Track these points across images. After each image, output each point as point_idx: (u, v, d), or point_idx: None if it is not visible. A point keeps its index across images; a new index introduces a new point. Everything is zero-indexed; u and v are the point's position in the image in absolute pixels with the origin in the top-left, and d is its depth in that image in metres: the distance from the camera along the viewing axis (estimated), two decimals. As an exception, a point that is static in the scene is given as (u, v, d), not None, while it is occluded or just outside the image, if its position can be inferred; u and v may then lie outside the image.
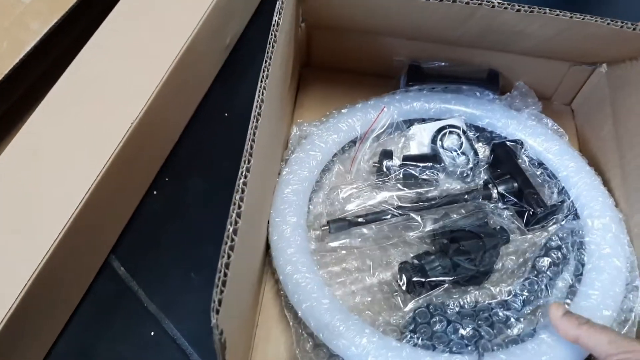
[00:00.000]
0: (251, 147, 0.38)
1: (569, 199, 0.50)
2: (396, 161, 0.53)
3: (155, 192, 0.56)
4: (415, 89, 0.58)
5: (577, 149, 0.57)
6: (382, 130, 0.55)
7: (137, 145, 0.49)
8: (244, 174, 0.37)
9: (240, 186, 0.36)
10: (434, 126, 0.56)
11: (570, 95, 0.62)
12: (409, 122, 0.57)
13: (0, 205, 0.43)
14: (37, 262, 0.41)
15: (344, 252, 0.48)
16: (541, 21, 0.47)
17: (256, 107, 0.40)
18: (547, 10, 0.45)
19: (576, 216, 0.49)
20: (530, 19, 0.46)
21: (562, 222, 0.48)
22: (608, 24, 0.46)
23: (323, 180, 0.53)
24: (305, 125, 0.55)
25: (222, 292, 0.31)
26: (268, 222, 0.48)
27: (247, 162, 0.38)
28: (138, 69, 0.51)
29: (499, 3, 0.46)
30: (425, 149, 0.55)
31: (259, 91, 0.40)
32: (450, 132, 0.55)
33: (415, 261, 0.46)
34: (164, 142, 0.58)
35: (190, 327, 0.49)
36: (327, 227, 0.49)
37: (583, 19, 0.46)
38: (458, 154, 0.54)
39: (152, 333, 0.49)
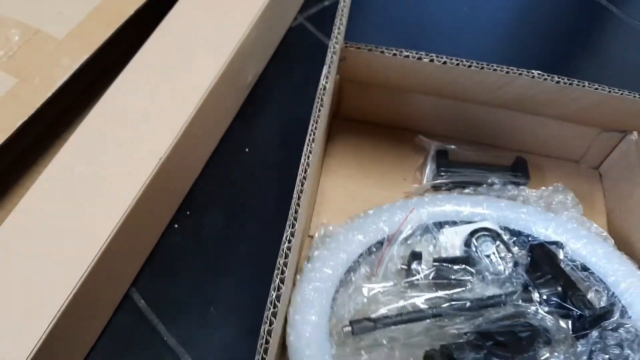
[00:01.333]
0: (296, 212, 0.37)
1: (620, 302, 0.45)
2: (426, 265, 0.50)
3: (176, 226, 0.56)
4: (442, 185, 0.57)
5: (605, 214, 0.57)
6: (411, 232, 0.53)
7: (164, 180, 0.49)
8: (288, 238, 0.35)
9: (284, 251, 0.34)
10: (466, 229, 0.53)
11: (598, 160, 0.61)
12: (439, 225, 0.54)
13: (32, 237, 0.43)
14: (65, 296, 0.40)
15: (367, 355, 0.44)
16: (579, 93, 0.47)
17: (302, 170, 0.39)
18: (586, 83, 0.46)
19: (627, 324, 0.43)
20: (569, 90, 0.47)
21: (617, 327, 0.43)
22: (634, 96, 0.46)
23: (347, 281, 0.50)
24: (329, 226, 0.53)
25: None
26: (285, 320, 0.45)
27: (291, 226, 0.36)
28: (167, 107, 0.52)
29: (538, 74, 0.46)
30: (457, 252, 0.52)
31: (305, 154, 0.40)
32: (485, 236, 0.52)
33: (445, 351, 0.41)
34: (187, 176, 0.58)
35: None
36: (350, 327, 0.44)
37: (621, 94, 0.46)
38: (494, 258, 0.50)
39: None
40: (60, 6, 0.57)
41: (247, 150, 0.63)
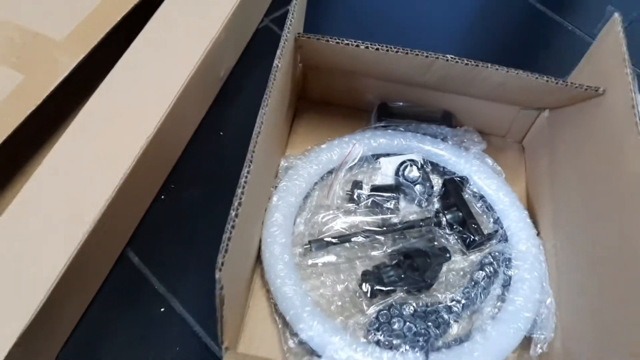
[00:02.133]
0: (252, 153, 0.47)
1: (501, 227, 0.62)
2: (365, 190, 0.65)
3: (163, 197, 0.67)
4: (381, 127, 0.69)
5: (525, 181, 0.70)
6: (354, 162, 0.66)
7: (151, 155, 0.60)
8: (246, 172, 0.46)
9: (241, 182, 0.45)
10: (397, 160, 0.67)
11: (521, 134, 0.74)
12: (377, 156, 0.68)
13: (39, 204, 0.53)
14: (69, 254, 0.51)
15: (321, 266, 0.60)
16: (485, 73, 0.59)
17: (255, 134, 0.49)
18: (489, 65, 0.57)
19: (506, 241, 0.62)
20: (477, 71, 0.58)
21: (495, 245, 0.61)
22: (536, 78, 0.58)
23: (305, 205, 0.64)
24: (291, 158, 0.66)
25: (224, 256, 0.40)
26: (260, 240, 0.59)
27: (248, 165, 0.46)
28: (152, 95, 0.62)
29: (451, 57, 0.57)
30: (390, 180, 0.66)
31: (258, 125, 0.49)
32: (411, 166, 0.66)
33: (375, 270, 0.58)
34: (171, 155, 0.69)
35: (194, 306, 0.60)
36: (309, 246, 0.60)
37: (517, 73, 0.58)
38: (416, 184, 0.65)
39: (162, 309, 0.59)
40: (57, 12, 0.65)
41: (221, 133, 0.73)
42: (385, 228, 0.61)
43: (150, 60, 0.64)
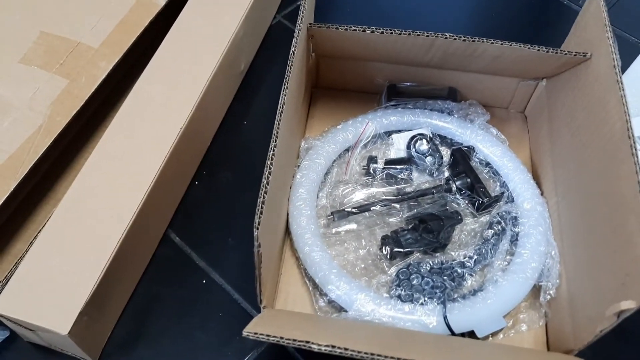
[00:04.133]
0: (276, 134, 0.53)
1: (507, 190, 0.68)
2: (380, 164, 0.70)
3: (196, 183, 0.74)
4: (392, 106, 0.75)
5: (528, 148, 0.75)
6: (368, 140, 0.72)
7: (183, 146, 0.66)
8: (271, 153, 0.51)
9: (268, 161, 0.51)
10: (408, 135, 0.73)
11: (523, 105, 0.78)
12: (389, 133, 0.74)
13: (90, 195, 0.60)
14: (119, 237, 0.57)
15: (344, 234, 0.66)
16: (482, 48, 0.64)
17: (279, 114, 0.54)
18: (485, 39, 0.62)
19: (512, 201, 0.67)
20: (474, 46, 0.64)
21: (502, 206, 0.66)
22: (529, 48, 0.63)
23: (326, 180, 0.70)
24: (310, 139, 0.72)
25: (260, 217, 0.46)
26: (287, 215, 0.66)
27: (274, 141, 0.52)
28: (181, 91, 0.68)
29: (450, 35, 0.63)
30: (402, 153, 0.72)
31: (280, 105, 0.55)
32: (421, 139, 0.72)
33: (393, 235, 0.64)
34: (201, 144, 0.76)
35: (232, 276, 0.66)
36: (332, 216, 0.66)
37: (511, 45, 0.63)
38: (427, 156, 0.71)
39: (204, 281, 0.66)
40: (92, 22, 0.72)
41: (245, 122, 0.80)
42: (400, 197, 0.67)
43: (176, 60, 0.71)
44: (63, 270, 0.56)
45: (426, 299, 0.59)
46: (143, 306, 0.64)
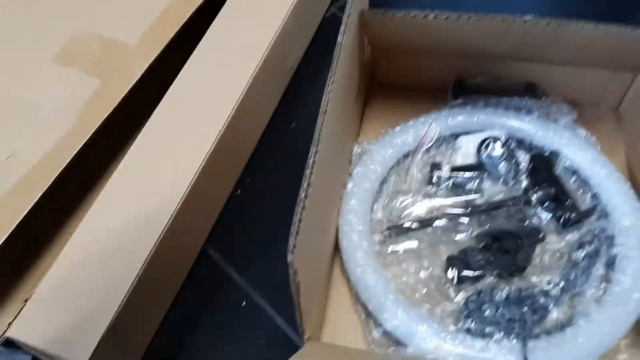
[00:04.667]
0: (318, 138, 0.46)
1: (600, 203, 0.57)
2: (445, 171, 0.61)
3: (239, 192, 0.67)
4: (459, 105, 0.65)
5: (624, 152, 0.64)
6: (432, 143, 0.63)
7: (223, 151, 0.59)
8: (313, 151, 0.45)
9: (311, 157, 0.44)
10: (478, 137, 0.63)
11: (616, 101, 0.67)
12: (456, 135, 0.64)
13: (119, 204, 0.54)
14: (147, 253, 0.51)
15: (402, 253, 0.57)
16: (569, 32, 0.54)
17: (322, 112, 0.47)
18: (573, 22, 0.52)
19: (607, 217, 0.56)
20: (559, 31, 0.53)
21: (595, 222, 0.55)
22: (632, 29, 0.52)
23: (382, 190, 0.61)
24: (364, 143, 0.64)
25: (295, 238, 0.39)
26: (337, 229, 0.57)
27: (316, 145, 0.46)
28: (221, 89, 0.62)
29: (529, 18, 0.53)
30: (471, 159, 0.62)
31: (324, 103, 0.48)
32: (493, 142, 0.62)
33: (462, 255, 0.54)
34: (244, 149, 0.69)
35: (275, 299, 0.59)
36: (388, 232, 0.57)
37: (606, 28, 0.52)
38: (501, 162, 0.61)
39: (244, 303, 0.59)
40: (129, 18, 0.67)
41: (294, 124, 0.72)
42: (469, 210, 0.58)
43: (218, 55, 0.65)
44: (86, 290, 0.50)
45: (502, 334, 0.49)
46: (176, 332, 0.57)
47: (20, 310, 0.50)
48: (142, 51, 0.63)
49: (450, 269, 0.54)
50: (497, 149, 0.61)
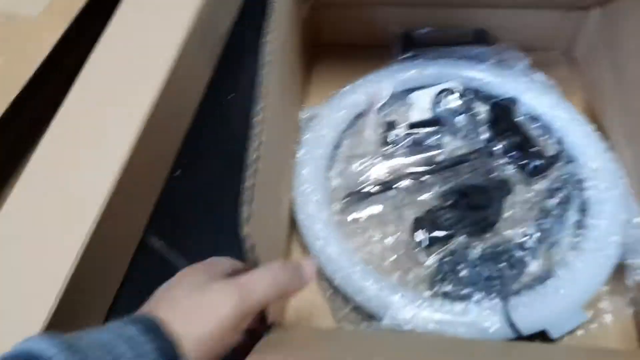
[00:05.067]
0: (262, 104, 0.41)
1: (565, 148, 0.54)
2: (401, 130, 0.57)
3: (177, 173, 0.60)
4: (409, 58, 0.61)
5: (582, 97, 0.60)
6: (384, 101, 0.58)
7: (154, 129, 0.52)
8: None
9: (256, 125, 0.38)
10: (433, 91, 0.59)
11: (570, 44, 0.64)
12: (408, 91, 0.60)
13: (37, 198, 0.46)
14: (77, 248, 0.43)
15: (365, 220, 0.52)
16: None
17: (261, 75, 0.42)
18: None
19: (574, 161, 0.53)
20: None
21: (562, 168, 0.52)
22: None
23: (336, 156, 0.56)
24: (312, 107, 0.58)
25: (250, 207, 0.35)
26: (291, 204, 0.52)
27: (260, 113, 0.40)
28: (147, 62, 0.55)
29: None
30: (427, 114, 0.58)
31: (263, 64, 0.42)
32: (449, 95, 0.58)
33: (429, 216, 0.50)
34: (177, 126, 0.62)
35: None
36: (348, 199, 0.52)
37: None
38: (458, 114, 0.57)
39: None
40: None
41: (230, 97, 0.65)
42: (431, 167, 0.53)
43: (139, 25, 0.57)
44: (10, 302, 0.42)
45: (481, 294, 0.46)
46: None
47: None
48: (47, 24, 0.56)
49: (418, 231, 0.50)
50: (454, 101, 0.58)
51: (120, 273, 0.53)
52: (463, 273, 0.47)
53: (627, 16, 0.54)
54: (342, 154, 0.56)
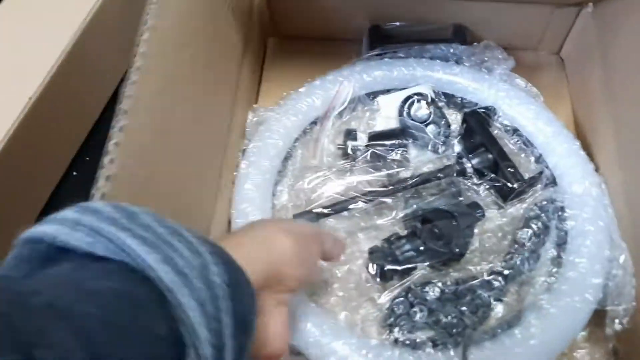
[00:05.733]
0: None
1: (546, 167, 0.47)
2: (362, 140, 0.50)
3: (75, 173, 0.55)
4: (376, 56, 0.54)
5: (570, 103, 0.55)
6: (345, 106, 0.52)
7: (43, 117, 0.48)
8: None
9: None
10: (400, 96, 0.52)
11: (558, 43, 0.58)
12: (373, 95, 0.53)
13: None
14: None
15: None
16: None
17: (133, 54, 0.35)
18: None
19: (555, 184, 0.46)
20: None
21: (541, 192, 0.46)
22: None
23: (286, 169, 0.50)
24: (261, 110, 0.52)
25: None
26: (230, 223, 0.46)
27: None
28: (41, 42, 0.50)
29: None
30: (393, 123, 0.52)
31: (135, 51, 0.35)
32: (418, 102, 0.51)
33: (385, 245, 0.44)
34: (82, 116, 0.56)
35: None
36: (295, 220, 0.46)
37: None
38: (428, 124, 0.50)
39: None
40: None
41: None
42: (393, 187, 0.47)
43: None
44: None
45: (437, 342, 0.40)
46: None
47: None
48: None
49: (372, 263, 0.43)
50: (423, 109, 0.51)
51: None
52: (418, 316, 0.41)
53: (618, 17, 0.47)
54: (294, 167, 0.50)
